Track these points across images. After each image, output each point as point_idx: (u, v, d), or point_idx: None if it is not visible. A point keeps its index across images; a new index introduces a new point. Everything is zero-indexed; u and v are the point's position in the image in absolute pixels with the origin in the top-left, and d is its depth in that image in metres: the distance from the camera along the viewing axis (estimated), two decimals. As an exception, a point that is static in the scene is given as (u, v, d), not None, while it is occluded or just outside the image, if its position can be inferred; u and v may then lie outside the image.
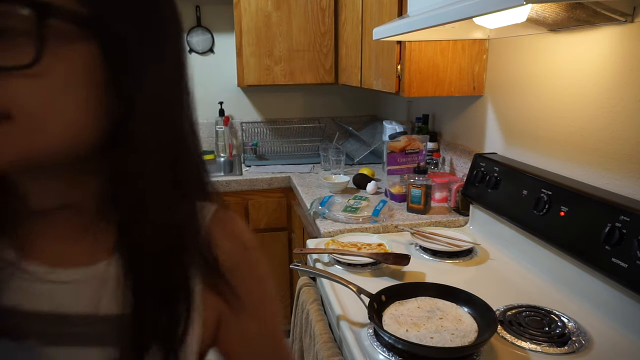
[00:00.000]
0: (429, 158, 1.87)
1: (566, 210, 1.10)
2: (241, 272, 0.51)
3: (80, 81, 0.37)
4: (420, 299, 1.02)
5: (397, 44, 1.62)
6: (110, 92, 0.39)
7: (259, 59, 2.44)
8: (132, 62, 0.39)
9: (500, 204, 1.35)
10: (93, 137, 0.39)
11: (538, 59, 1.34)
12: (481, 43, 1.60)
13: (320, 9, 2.43)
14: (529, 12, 1.10)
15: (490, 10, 0.81)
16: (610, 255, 0.95)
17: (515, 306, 1.04)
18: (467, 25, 1.34)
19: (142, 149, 0.41)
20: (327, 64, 2.51)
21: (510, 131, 1.50)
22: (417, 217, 1.61)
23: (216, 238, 0.49)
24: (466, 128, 1.79)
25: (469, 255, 1.34)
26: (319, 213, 1.63)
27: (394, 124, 2.19)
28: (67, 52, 0.36)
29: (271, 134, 2.89)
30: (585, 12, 1.04)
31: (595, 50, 1.13)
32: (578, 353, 0.89)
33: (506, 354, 0.89)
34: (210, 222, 0.50)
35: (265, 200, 2.34)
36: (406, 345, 0.85)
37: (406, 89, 1.61)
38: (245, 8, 2.37)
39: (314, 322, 1.10)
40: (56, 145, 0.37)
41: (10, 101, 0.34)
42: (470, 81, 1.63)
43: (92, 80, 0.37)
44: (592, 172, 1.16)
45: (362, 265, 1.27)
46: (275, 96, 2.87)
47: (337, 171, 2.21)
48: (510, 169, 1.34)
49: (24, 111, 0.35)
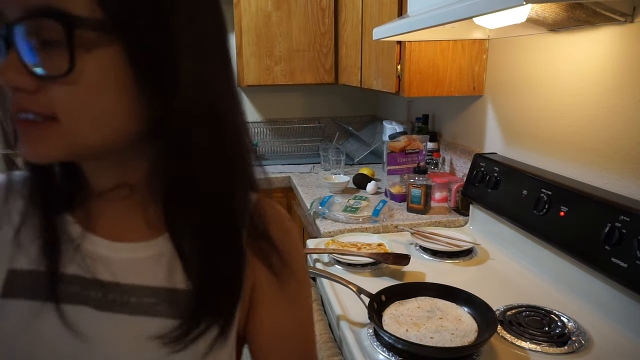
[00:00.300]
0: (429, 158, 1.87)
1: (566, 210, 1.10)
2: (284, 246, 0.53)
3: (112, 83, 0.40)
4: (420, 299, 1.02)
5: (397, 44, 1.62)
6: (144, 89, 0.42)
7: (259, 59, 2.44)
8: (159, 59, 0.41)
9: (500, 204, 1.35)
10: (132, 130, 0.43)
11: (538, 59, 1.34)
12: (481, 43, 1.60)
13: (320, 9, 2.43)
14: (529, 12, 1.10)
15: (490, 10, 0.81)
16: (610, 255, 0.95)
17: (515, 306, 1.04)
18: (467, 25, 1.34)
19: (183, 135, 0.44)
20: (327, 64, 2.51)
21: (510, 131, 1.50)
22: (417, 217, 1.61)
23: (262, 212, 0.52)
24: (466, 128, 1.79)
25: (469, 255, 1.34)
26: (319, 213, 1.63)
27: (394, 124, 2.19)
28: (96, 58, 0.39)
29: (271, 134, 2.89)
30: (585, 12, 1.04)
31: (595, 51, 1.13)
32: (578, 353, 0.89)
33: (506, 354, 0.89)
34: (255, 205, 0.53)
35: (265, 200, 2.34)
36: (406, 345, 0.85)
37: (406, 89, 1.61)
38: (245, 8, 2.37)
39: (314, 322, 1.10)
40: (97, 140, 0.42)
41: (55, 105, 0.39)
42: (470, 81, 1.63)
43: (123, 81, 0.41)
44: (592, 172, 1.16)
45: (362, 265, 1.27)
46: (275, 96, 2.87)
47: (337, 171, 2.21)
48: (510, 169, 1.34)
49: (66, 114, 0.40)
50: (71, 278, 0.47)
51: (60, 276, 0.47)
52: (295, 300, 0.55)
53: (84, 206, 0.50)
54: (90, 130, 0.41)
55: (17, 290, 0.46)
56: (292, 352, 0.55)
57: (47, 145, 0.41)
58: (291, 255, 0.54)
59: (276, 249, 0.51)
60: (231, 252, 0.48)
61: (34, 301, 0.46)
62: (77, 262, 0.47)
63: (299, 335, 0.56)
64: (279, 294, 0.53)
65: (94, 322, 0.46)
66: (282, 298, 0.53)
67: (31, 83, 0.39)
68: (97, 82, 0.39)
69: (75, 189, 0.50)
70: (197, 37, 0.43)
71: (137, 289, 0.47)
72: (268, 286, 0.52)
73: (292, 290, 0.54)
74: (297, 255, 0.55)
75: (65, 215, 0.49)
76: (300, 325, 0.56)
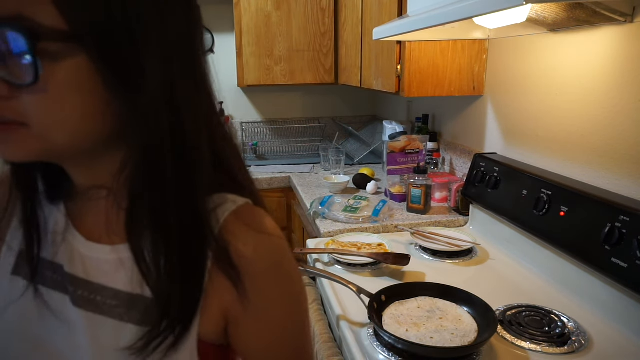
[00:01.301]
0: (429, 158, 1.87)
1: (566, 210, 1.10)
2: (256, 268, 0.48)
3: (81, 89, 0.41)
4: (420, 298, 1.02)
5: (397, 44, 1.62)
6: (112, 92, 0.43)
7: (259, 59, 2.44)
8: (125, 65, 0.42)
9: (500, 204, 1.35)
10: (101, 131, 0.44)
11: (538, 59, 1.34)
12: (481, 43, 1.60)
13: (320, 9, 2.43)
14: (529, 12, 1.10)
15: (490, 10, 0.81)
16: (610, 255, 0.95)
17: (515, 306, 1.04)
18: (467, 25, 1.34)
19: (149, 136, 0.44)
20: (327, 64, 2.51)
21: (510, 131, 1.50)
22: (417, 217, 1.61)
23: (235, 230, 0.48)
24: (466, 128, 1.79)
25: (469, 255, 1.34)
26: (319, 213, 1.63)
27: (394, 124, 2.19)
28: (63, 67, 0.40)
29: (271, 134, 2.89)
30: (585, 12, 1.04)
31: (595, 51, 1.13)
32: (578, 353, 0.89)
33: (506, 354, 0.89)
34: (232, 214, 0.50)
35: (265, 200, 2.32)
36: (406, 345, 0.85)
37: (406, 89, 1.61)
38: (245, 8, 2.37)
39: (314, 322, 1.10)
40: (66, 142, 0.43)
41: (24, 113, 0.41)
42: (470, 81, 1.63)
43: (91, 86, 0.42)
44: (592, 172, 1.16)
45: (362, 265, 1.27)
46: (275, 96, 2.87)
47: (337, 171, 2.21)
48: (510, 169, 1.34)
49: (36, 121, 0.41)
50: (56, 266, 0.51)
51: (42, 260, 0.51)
52: (272, 320, 0.51)
53: (75, 201, 0.53)
54: (60, 134, 0.42)
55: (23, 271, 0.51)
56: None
57: (18, 147, 0.42)
58: (266, 274, 0.49)
59: (238, 273, 0.47)
60: (190, 266, 0.46)
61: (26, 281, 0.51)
62: (62, 252, 0.51)
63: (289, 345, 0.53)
64: (255, 313, 0.49)
65: (70, 311, 0.49)
66: (255, 317, 0.50)
67: (4, 90, 0.40)
68: (65, 89, 0.41)
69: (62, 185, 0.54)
70: (162, 40, 0.43)
71: (103, 289, 0.49)
72: (241, 306, 0.49)
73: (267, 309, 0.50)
74: (272, 273, 0.50)
75: (60, 205, 0.53)
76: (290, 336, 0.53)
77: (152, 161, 0.45)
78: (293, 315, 0.53)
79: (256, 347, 0.52)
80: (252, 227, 0.49)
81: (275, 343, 0.52)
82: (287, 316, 0.52)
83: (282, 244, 0.51)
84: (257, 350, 0.52)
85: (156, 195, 0.45)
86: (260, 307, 0.49)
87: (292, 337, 0.53)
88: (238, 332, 0.50)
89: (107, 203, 0.49)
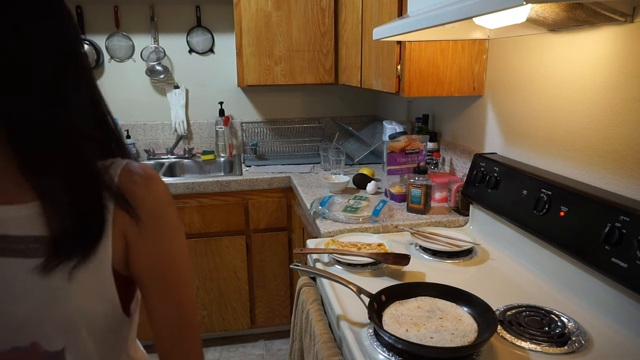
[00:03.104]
0: (429, 158, 1.87)
1: (566, 210, 1.10)
2: (147, 201, 0.67)
3: None
4: (420, 299, 1.02)
5: (397, 44, 1.62)
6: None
7: (259, 59, 2.44)
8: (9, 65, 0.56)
9: (500, 204, 1.35)
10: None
11: (538, 59, 1.34)
12: (481, 43, 1.60)
13: (320, 9, 2.44)
14: (529, 12, 1.10)
15: (490, 10, 0.81)
16: (610, 255, 0.95)
17: (515, 306, 1.04)
18: (467, 25, 1.34)
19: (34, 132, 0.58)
20: (327, 64, 2.51)
21: (510, 131, 1.50)
22: (417, 217, 1.61)
23: (129, 178, 0.66)
24: (466, 128, 1.79)
25: (469, 255, 1.34)
26: (319, 213, 1.63)
27: (394, 124, 2.20)
28: None
29: (271, 134, 2.89)
30: (585, 12, 1.04)
31: (595, 51, 1.13)
32: (578, 353, 0.89)
33: (506, 354, 0.89)
34: (124, 168, 0.67)
35: (265, 200, 2.34)
36: (406, 345, 0.85)
37: (406, 89, 1.61)
38: (245, 8, 2.37)
39: (314, 322, 1.11)
40: None
41: None
42: (470, 81, 1.63)
43: None
44: (592, 172, 1.16)
45: (362, 265, 1.27)
46: (275, 96, 2.88)
47: (337, 171, 2.21)
48: (510, 169, 1.35)
49: None
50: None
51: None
52: (162, 238, 0.68)
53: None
54: None
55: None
56: (165, 280, 0.70)
57: None
58: (153, 206, 0.67)
59: (133, 204, 0.65)
60: (86, 209, 0.62)
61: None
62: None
63: (169, 265, 0.69)
64: (145, 235, 0.66)
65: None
66: (149, 237, 0.67)
67: None
68: None
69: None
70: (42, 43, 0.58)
71: (22, 238, 0.61)
72: (135, 230, 0.66)
73: (157, 231, 0.68)
74: (157, 206, 0.68)
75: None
76: (169, 256, 0.70)
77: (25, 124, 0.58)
78: (174, 238, 0.70)
79: (147, 264, 0.68)
80: (140, 174, 0.67)
81: (161, 260, 0.69)
82: (171, 239, 0.70)
83: (164, 183, 0.69)
84: (147, 267, 0.68)
85: (46, 156, 0.59)
86: (150, 229, 0.67)
87: (174, 257, 0.70)
88: (135, 252, 0.67)
89: (10, 175, 0.61)
